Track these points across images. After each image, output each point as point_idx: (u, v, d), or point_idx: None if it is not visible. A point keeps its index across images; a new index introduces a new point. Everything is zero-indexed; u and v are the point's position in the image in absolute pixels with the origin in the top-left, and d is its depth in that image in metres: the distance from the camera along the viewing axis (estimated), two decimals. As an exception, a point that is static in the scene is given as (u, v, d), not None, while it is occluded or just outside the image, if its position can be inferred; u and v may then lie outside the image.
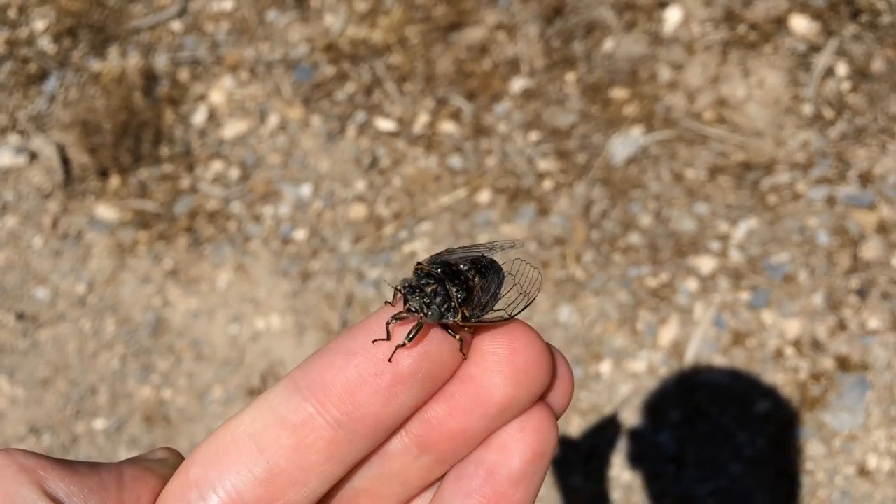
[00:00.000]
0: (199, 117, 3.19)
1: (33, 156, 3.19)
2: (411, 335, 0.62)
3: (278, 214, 3.00)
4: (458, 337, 0.63)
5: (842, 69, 2.87)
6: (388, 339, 0.62)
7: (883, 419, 2.45)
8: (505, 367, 0.62)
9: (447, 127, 3.02)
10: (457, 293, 0.68)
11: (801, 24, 2.95)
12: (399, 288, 0.69)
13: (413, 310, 0.66)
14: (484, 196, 2.89)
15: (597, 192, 2.84)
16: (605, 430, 2.58)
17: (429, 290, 0.68)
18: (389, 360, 0.60)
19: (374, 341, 0.61)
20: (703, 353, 2.60)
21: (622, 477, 2.54)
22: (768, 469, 2.48)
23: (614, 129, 2.92)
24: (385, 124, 3.06)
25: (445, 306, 0.67)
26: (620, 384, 2.61)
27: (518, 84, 3.04)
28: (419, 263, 0.72)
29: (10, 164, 3.18)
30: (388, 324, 0.63)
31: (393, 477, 0.66)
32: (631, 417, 2.58)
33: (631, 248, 2.76)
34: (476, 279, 0.71)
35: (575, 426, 2.59)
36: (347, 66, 3.17)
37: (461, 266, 0.71)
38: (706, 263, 2.70)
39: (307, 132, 3.10)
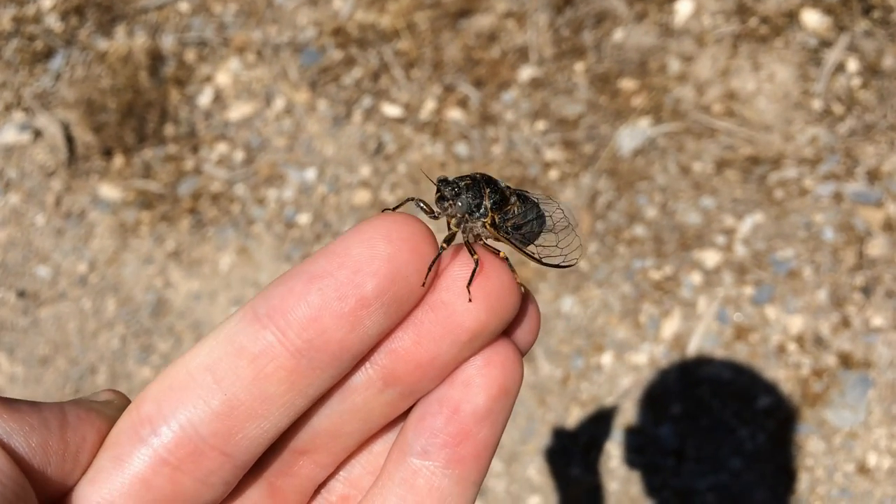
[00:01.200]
0: (204, 99, 3.17)
1: (37, 133, 3.18)
2: (449, 240, 0.60)
3: (282, 198, 2.99)
4: (475, 256, 0.61)
5: (852, 65, 2.85)
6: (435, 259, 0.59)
7: (884, 417, 2.44)
8: (477, 292, 0.60)
9: (454, 114, 3.00)
10: (490, 194, 0.66)
11: (812, 18, 2.93)
12: (435, 180, 0.68)
13: (444, 197, 0.65)
14: (489, 184, 2.88)
15: (603, 183, 2.83)
16: (606, 422, 2.57)
17: (462, 183, 0.67)
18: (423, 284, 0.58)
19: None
20: (706, 347, 2.59)
21: (621, 469, 2.53)
22: (768, 464, 2.48)
23: (622, 121, 2.90)
24: (391, 110, 3.05)
25: (476, 203, 0.66)
26: (622, 376, 2.60)
27: (526, 72, 3.02)
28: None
29: (14, 141, 3.17)
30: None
31: (355, 413, 0.63)
32: (631, 410, 2.58)
33: (636, 240, 2.74)
34: (514, 200, 0.70)
35: (575, 417, 2.58)
36: (355, 50, 3.15)
37: (500, 183, 0.70)
38: (711, 257, 2.69)
39: (313, 116, 3.09)
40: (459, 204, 0.66)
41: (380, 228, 0.58)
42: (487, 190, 0.67)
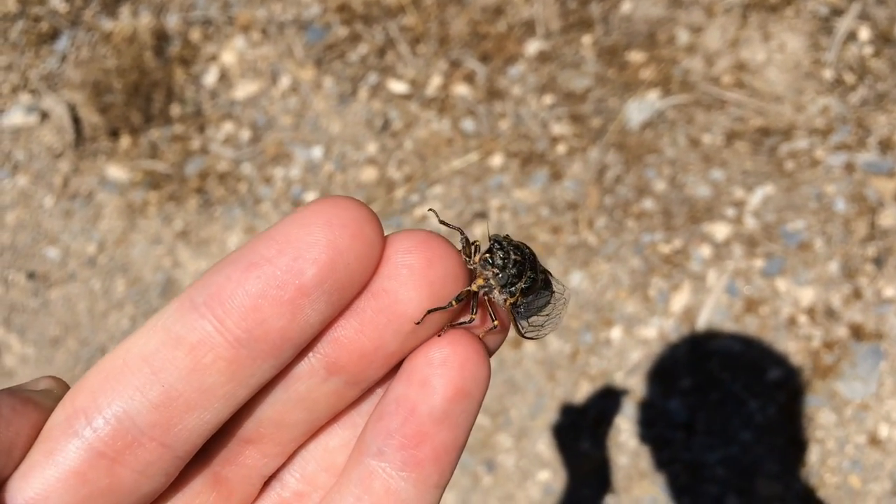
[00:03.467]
0: (210, 78, 3.16)
1: (44, 115, 3.18)
2: (460, 298, 0.60)
3: (289, 176, 2.98)
4: (474, 314, 0.62)
5: (864, 33, 2.81)
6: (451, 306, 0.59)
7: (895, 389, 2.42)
8: (419, 281, 0.58)
9: (460, 90, 2.98)
10: (527, 279, 0.67)
11: (823, -14, 2.88)
12: (491, 236, 0.67)
13: (489, 262, 0.65)
14: (496, 160, 2.86)
15: (611, 157, 2.81)
16: (615, 397, 2.56)
17: (513, 258, 0.66)
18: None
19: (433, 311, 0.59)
20: (716, 321, 2.57)
21: (630, 443, 2.52)
22: (779, 437, 2.46)
23: (630, 93, 2.87)
24: (398, 86, 3.03)
25: (512, 283, 0.65)
26: (631, 350, 2.59)
27: (533, 46, 2.99)
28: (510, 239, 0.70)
29: (21, 123, 3.17)
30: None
31: (299, 401, 0.61)
32: (641, 384, 2.56)
33: (644, 214, 2.72)
34: (539, 287, 0.70)
35: (584, 392, 2.58)
36: (360, 26, 3.13)
37: (539, 267, 0.69)
38: (720, 230, 2.66)
39: (319, 94, 3.07)
40: (500, 276, 0.65)
41: (320, 213, 0.56)
42: (528, 275, 0.67)
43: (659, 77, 2.88)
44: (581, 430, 2.55)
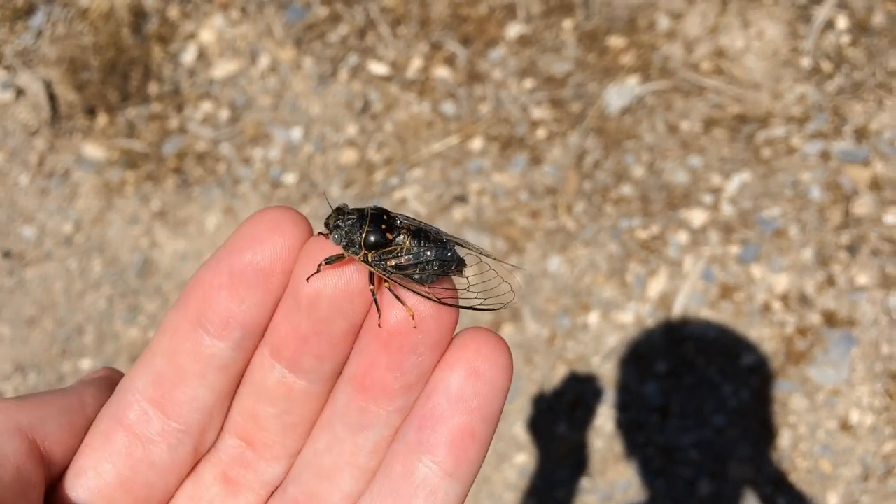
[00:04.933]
0: (188, 56, 3.13)
1: (20, 92, 3.14)
2: (330, 259, 0.67)
3: (268, 157, 2.97)
4: (371, 287, 0.68)
5: (842, 22, 2.83)
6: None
7: (867, 375, 2.47)
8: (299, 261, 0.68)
9: (441, 72, 2.97)
10: (368, 231, 0.72)
11: (803, -26, 2.90)
12: (334, 207, 0.76)
13: (326, 225, 0.73)
14: (476, 143, 2.86)
15: (590, 142, 2.82)
16: (591, 380, 2.59)
17: (346, 217, 0.73)
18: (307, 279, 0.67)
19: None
20: (691, 306, 2.60)
21: (606, 426, 2.56)
22: (752, 421, 2.50)
23: (610, 79, 2.88)
24: (378, 68, 3.01)
25: (351, 238, 0.71)
26: (608, 335, 2.61)
27: (514, 30, 2.99)
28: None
29: (-5, 99, 3.13)
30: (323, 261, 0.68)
31: (262, 392, 0.70)
32: (617, 368, 2.59)
33: (623, 200, 2.74)
34: (405, 240, 0.75)
35: (561, 375, 2.60)
36: (341, 6, 3.11)
37: (397, 222, 0.75)
38: (698, 216, 2.68)
39: (298, 74, 3.05)
40: (336, 237, 0.72)
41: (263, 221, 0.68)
42: (368, 228, 0.73)
43: (639, 63, 2.88)
44: (557, 414, 2.58)
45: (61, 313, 2.89)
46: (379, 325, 0.66)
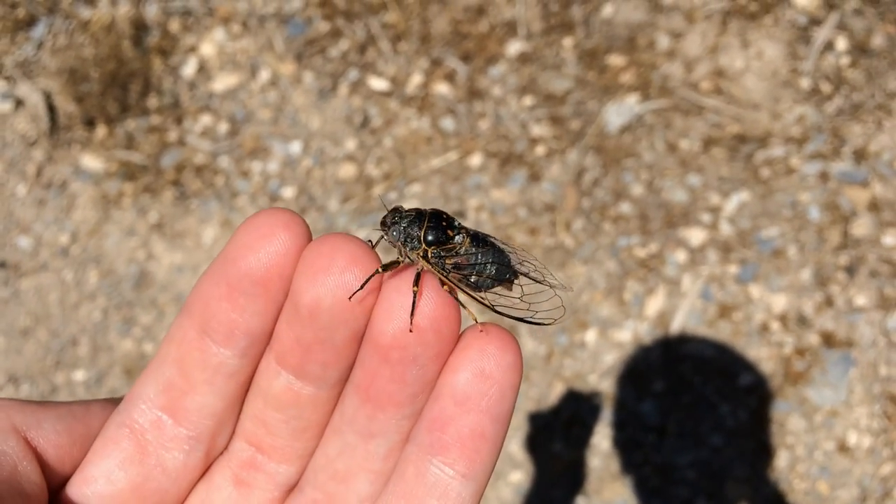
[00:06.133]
0: (188, 69, 3.13)
1: (19, 102, 3.14)
2: (387, 266, 0.65)
3: (267, 171, 2.96)
4: (415, 288, 0.65)
5: (842, 43, 2.84)
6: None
7: (865, 396, 2.45)
8: (307, 269, 0.67)
9: (441, 88, 2.97)
10: (428, 227, 0.71)
11: (802, -4, 2.91)
12: (390, 209, 0.74)
13: (384, 223, 0.73)
14: (475, 160, 2.86)
15: (589, 159, 2.82)
16: (588, 398, 2.57)
17: (405, 214, 0.72)
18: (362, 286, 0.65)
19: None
20: (689, 325, 2.59)
21: (602, 445, 2.54)
22: (749, 442, 2.49)
23: (609, 97, 2.88)
24: (378, 83, 3.02)
25: (412, 234, 0.71)
26: (605, 353, 2.60)
27: (514, 47, 3.00)
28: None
29: (-5, 109, 3.13)
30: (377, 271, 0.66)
31: (270, 399, 0.70)
32: (614, 386, 2.58)
33: (621, 218, 2.74)
34: (464, 239, 0.73)
35: (558, 393, 2.58)
36: (342, 22, 3.12)
37: (455, 223, 0.74)
38: (696, 235, 2.68)
39: (298, 88, 3.06)
40: (394, 233, 0.72)
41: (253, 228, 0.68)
42: (428, 225, 0.72)
43: (638, 81, 2.89)
44: (554, 432, 2.56)
45: (56, 324, 2.87)
46: (410, 331, 0.64)
